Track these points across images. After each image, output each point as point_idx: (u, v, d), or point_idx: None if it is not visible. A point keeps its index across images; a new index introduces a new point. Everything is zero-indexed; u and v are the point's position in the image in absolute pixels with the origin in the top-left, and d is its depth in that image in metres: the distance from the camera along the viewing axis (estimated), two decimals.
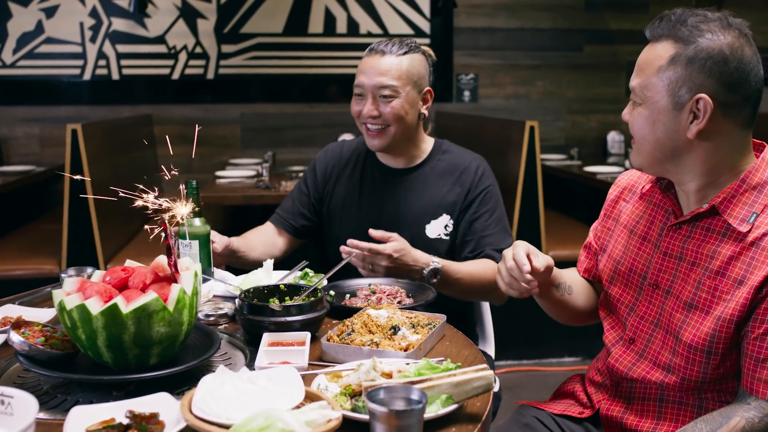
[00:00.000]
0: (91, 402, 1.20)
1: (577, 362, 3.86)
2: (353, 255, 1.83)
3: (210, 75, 5.17)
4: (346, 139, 2.43)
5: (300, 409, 1.07)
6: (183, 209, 1.60)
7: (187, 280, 1.34)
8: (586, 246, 1.72)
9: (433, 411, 1.15)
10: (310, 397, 1.14)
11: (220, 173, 4.41)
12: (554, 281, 1.60)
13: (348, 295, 1.84)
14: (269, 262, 1.88)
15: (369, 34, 5.25)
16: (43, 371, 1.26)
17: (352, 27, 5.24)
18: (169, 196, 1.47)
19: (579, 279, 1.71)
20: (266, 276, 1.84)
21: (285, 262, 2.05)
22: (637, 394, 1.52)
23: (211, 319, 1.65)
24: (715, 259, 1.38)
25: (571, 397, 1.67)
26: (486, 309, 2.30)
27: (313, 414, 1.05)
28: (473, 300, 2.26)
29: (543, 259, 1.46)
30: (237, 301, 1.57)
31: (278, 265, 1.93)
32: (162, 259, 1.40)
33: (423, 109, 2.08)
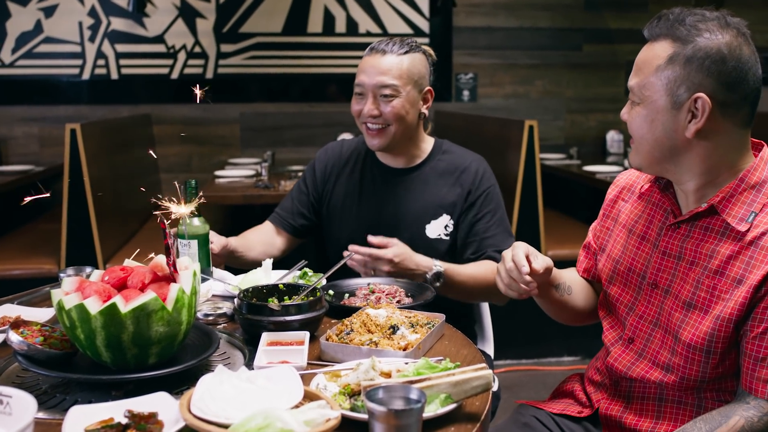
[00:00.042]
0: (89, 401, 1.20)
1: (576, 361, 3.86)
2: (351, 255, 1.83)
3: (209, 74, 5.17)
4: (345, 138, 2.43)
5: (299, 409, 1.07)
6: (183, 209, 1.60)
7: (186, 279, 1.34)
8: (585, 246, 1.72)
9: (432, 410, 1.15)
10: (309, 397, 1.14)
11: (219, 173, 4.41)
12: (553, 282, 1.59)
13: (347, 295, 1.84)
14: (268, 262, 1.87)
15: (368, 34, 5.25)
16: (42, 371, 1.26)
17: (351, 26, 5.24)
18: (168, 194, 1.47)
19: (578, 279, 1.71)
20: (265, 275, 1.84)
21: (284, 262, 2.04)
22: (636, 393, 1.52)
23: (210, 318, 1.65)
24: (713, 259, 1.38)
25: (570, 397, 1.67)
26: (485, 308, 2.30)
27: (311, 413, 1.05)
28: (475, 301, 2.25)
29: (542, 260, 1.46)
30: (236, 300, 1.56)
31: (277, 265, 1.93)
32: (161, 259, 1.40)
33: (423, 109, 2.07)
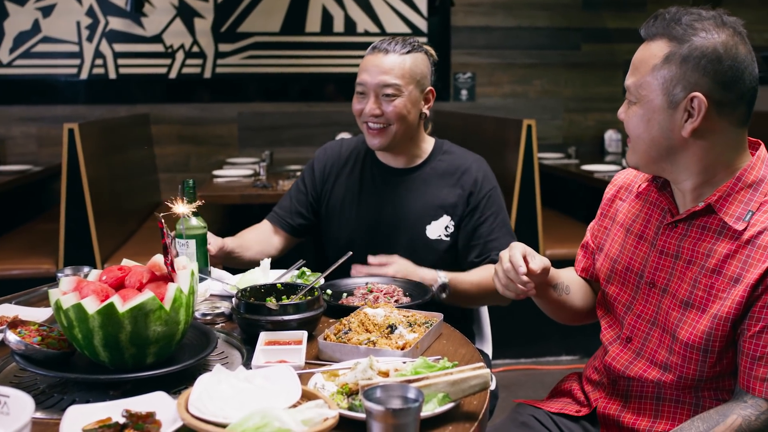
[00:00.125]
0: (87, 401, 1.20)
1: (574, 361, 3.86)
2: (350, 254, 1.83)
3: (207, 74, 5.17)
4: (344, 137, 2.42)
5: (297, 408, 1.08)
6: (183, 209, 1.60)
7: (184, 279, 1.34)
8: (583, 245, 1.72)
9: (429, 409, 1.15)
10: (307, 396, 1.14)
11: (217, 172, 4.41)
12: (551, 282, 1.59)
13: (345, 294, 1.84)
14: (266, 262, 1.87)
15: (366, 33, 5.25)
16: (40, 371, 1.26)
17: (350, 26, 5.24)
18: (167, 194, 1.47)
19: (576, 278, 1.71)
20: (263, 275, 1.84)
21: (282, 261, 2.04)
22: (634, 392, 1.52)
23: (208, 318, 1.65)
24: (711, 258, 1.38)
25: (569, 396, 1.67)
26: (483, 308, 2.30)
27: (309, 413, 1.05)
28: (480, 306, 2.25)
29: (539, 260, 1.46)
30: (234, 300, 1.56)
31: (275, 264, 1.93)
32: (159, 258, 1.40)
33: (425, 109, 2.06)
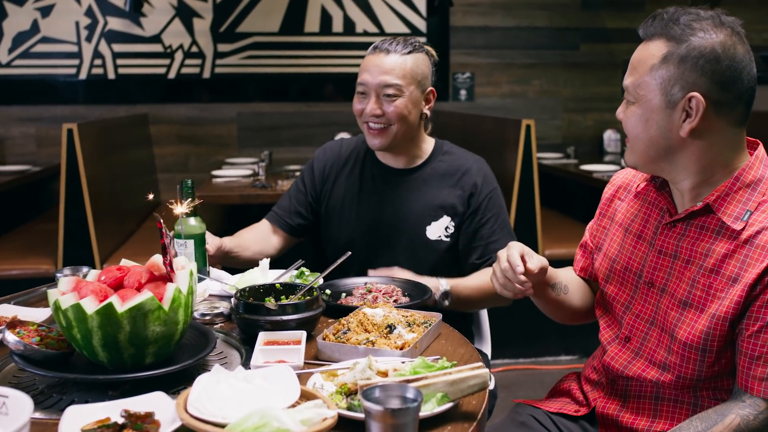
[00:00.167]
0: (86, 401, 1.20)
1: (573, 360, 3.86)
2: (348, 254, 1.83)
3: (206, 74, 5.17)
4: (344, 137, 2.42)
5: (295, 408, 1.08)
6: (181, 210, 1.60)
7: (183, 279, 1.34)
8: (581, 245, 1.72)
9: (428, 409, 1.15)
10: (306, 396, 1.14)
11: (216, 172, 4.41)
12: (549, 281, 1.60)
13: (344, 294, 1.84)
14: (265, 262, 1.87)
15: (365, 33, 5.25)
16: (39, 371, 1.26)
17: (349, 26, 5.24)
18: (166, 194, 1.47)
19: (575, 278, 1.71)
20: (262, 275, 1.84)
21: (281, 261, 2.04)
22: (632, 392, 1.52)
23: (207, 318, 1.65)
24: (709, 257, 1.38)
25: (567, 396, 1.67)
26: None
27: (308, 413, 1.05)
28: (481, 309, 2.24)
29: (537, 260, 1.46)
30: (233, 300, 1.56)
31: (274, 264, 1.92)
32: (157, 259, 1.40)
33: (425, 109, 2.06)
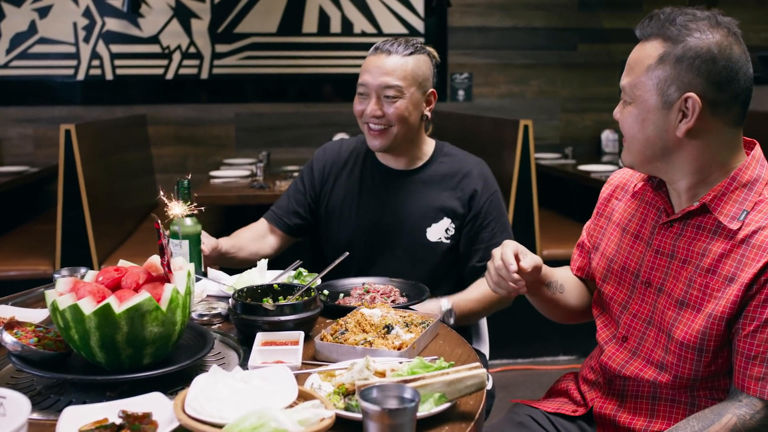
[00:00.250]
0: (84, 402, 1.20)
1: (571, 361, 3.86)
2: (346, 254, 1.83)
3: (204, 75, 5.17)
4: (343, 138, 2.42)
5: (293, 408, 1.08)
6: (178, 209, 1.60)
7: (180, 279, 1.34)
8: (579, 245, 1.72)
9: (426, 409, 1.15)
10: (304, 396, 1.14)
11: (214, 173, 4.40)
12: (545, 280, 1.60)
13: (342, 295, 1.84)
14: (263, 262, 1.87)
15: (363, 34, 5.25)
16: (36, 372, 1.26)
17: (347, 26, 5.24)
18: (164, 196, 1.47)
19: (571, 277, 1.71)
20: (260, 275, 1.84)
21: (279, 262, 2.04)
22: (629, 392, 1.53)
23: (205, 318, 1.65)
24: (706, 257, 1.38)
25: (565, 396, 1.68)
26: None
27: (306, 413, 1.06)
28: (486, 316, 2.24)
29: (531, 259, 1.47)
30: (230, 300, 1.56)
31: (272, 265, 1.93)
32: (155, 259, 1.40)
33: (426, 111, 2.05)
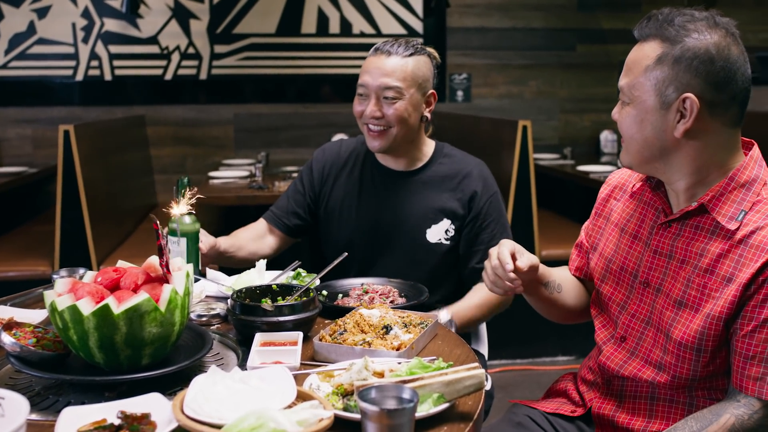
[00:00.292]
0: (82, 403, 1.20)
1: (570, 361, 3.87)
2: (345, 255, 1.83)
3: (203, 75, 5.17)
4: (343, 138, 2.42)
5: (292, 409, 1.08)
6: (178, 209, 1.60)
7: (179, 280, 1.34)
8: (577, 245, 1.72)
9: (424, 410, 1.15)
10: (302, 397, 1.15)
11: (213, 174, 4.40)
12: (542, 279, 1.60)
13: (340, 295, 1.84)
14: (262, 263, 1.88)
15: (362, 34, 5.25)
16: (35, 372, 1.26)
17: (345, 27, 5.24)
18: (163, 195, 1.48)
19: (569, 277, 1.71)
20: (259, 276, 1.84)
21: (278, 263, 2.04)
22: (628, 392, 1.53)
23: (204, 319, 1.65)
24: (704, 257, 1.39)
25: (564, 396, 1.68)
26: None
27: (304, 413, 1.06)
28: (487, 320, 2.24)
29: (527, 258, 1.47)
30: (229, 301, 1.57)
31: (271, 266, 1.93)
32: (154, 260, 1.40)
33: (426, 112, 2.05)
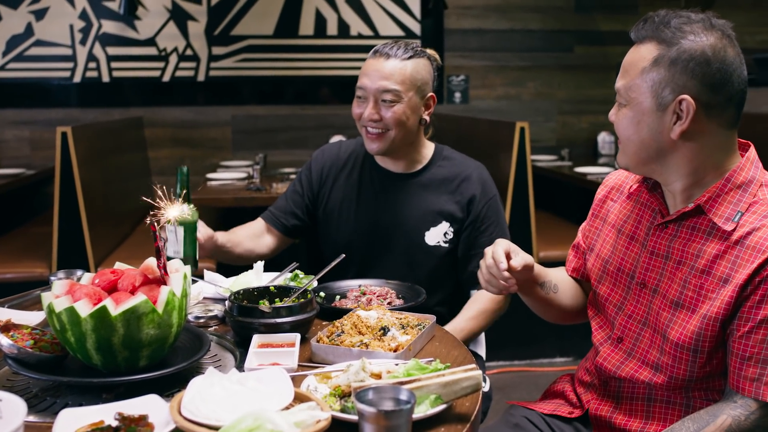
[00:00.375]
0: (80, 404, 1.20)
1: (568, 362, 3.87)
2: (342, 256, 1.83)
3: (201, 77, 5.17)
4: (342, 140, 2.41)
5: (289, 410, 1.08)
6: (173, 212, 1.60)
7: (177, 282, 1.34)
8: (574, 246, 1.73)
9: (421, 411, 1.15)
10: (300, 398, 1.15)
11: (211, 175, 4.40)
12: (538, 279, 1.60)
13: (338, 297, 1.84)
14: (259, 264, 1.88)
15: (360, 36, 5.26)
16: (32, 374, 1.26)
17: (343, 29, 5.25)
18: (161, 198, 1.47)
19: (566, 278, 1.71)
20: (256, 278, 1.84)
21: (275, 264, 2.04)
22: (625, 393, 1.53)
23: (201, 321, 1.65)
24: (700, 258, 1.39)
25: (561, 397, 1.68)
26: None
27: (302, 415, 1.06)
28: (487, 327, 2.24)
29: (521, 258, 1.47)
30: (227, 302, 1.57)
31: (268, 267, 1.93)
32: (151, 262, 1.40)
33: (425, 115, 2.04)
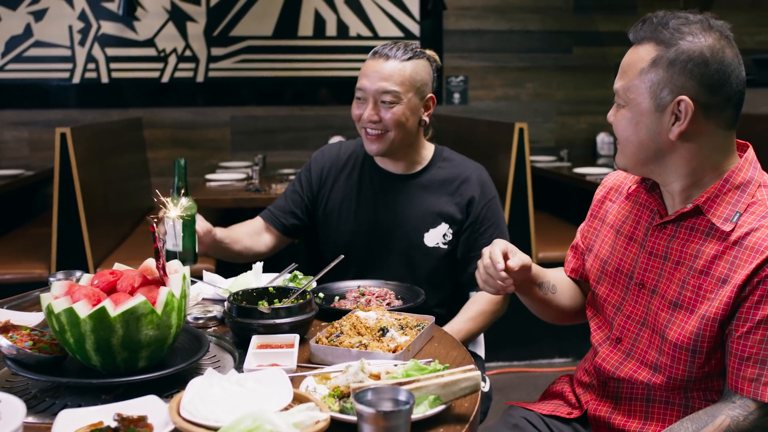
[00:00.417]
0: (79, 405, 1.20)
1: (567, 363, 3.87)
2: (341, 257, 1.83)
3: (200, 78, 5.17)
4: (342, 141, 2.41)
5: (288, 411, 1.08)
6: (171, 204, 1.60)
7: (176, 283, 1.34)
8: (572, 246, 1.73)
9: (420, 412, 1.15)
10: (299, 399, 1.15)
11: (210, 176, 4.41)
12: (536, 280, 1.60)
13: (337, 297, 1.84)
14: (258, 265, 1.88)
15: (359, 37, 5.26)
16: (31, 375, 1.26)
17: (342, 30, 5.25)
18: (160, 199, 1.48)
19: (564, 278, 1.72)
20: (255, 278, 1.84)
21: (274, 265, 2.04)
22: (624, 393, 1.53)
23: (200, 321, 1.65)
24: (699, 259, 1.39)
25: (560, 398, 1.68)
26: None
27: (301, 415, 1.06)
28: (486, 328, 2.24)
29: (519, 258, 1.48)
30: (226, 303, 1.57)
31: (267, 268, 1.93)
32: (150, 263, 1.40)
33: (425, 116, 2.04)
